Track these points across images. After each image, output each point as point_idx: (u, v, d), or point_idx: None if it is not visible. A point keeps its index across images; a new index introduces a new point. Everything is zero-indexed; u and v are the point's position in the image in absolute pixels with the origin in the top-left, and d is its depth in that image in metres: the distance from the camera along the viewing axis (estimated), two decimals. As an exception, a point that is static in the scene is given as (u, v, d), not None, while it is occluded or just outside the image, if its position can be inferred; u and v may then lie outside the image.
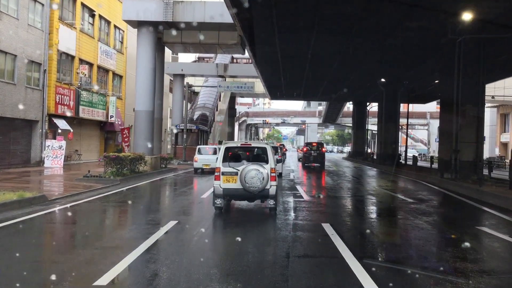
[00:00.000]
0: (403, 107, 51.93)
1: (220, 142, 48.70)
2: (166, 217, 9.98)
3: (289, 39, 23.83)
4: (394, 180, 21.67)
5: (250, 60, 36.19)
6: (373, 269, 5.80)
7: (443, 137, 23.49)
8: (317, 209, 11.98)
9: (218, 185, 9.98)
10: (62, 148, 24.11)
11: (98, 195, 13.23)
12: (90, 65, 29.42)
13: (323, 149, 38.69)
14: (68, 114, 26.13)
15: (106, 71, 31.83)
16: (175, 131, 34.94)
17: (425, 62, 28.01)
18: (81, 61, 28.20)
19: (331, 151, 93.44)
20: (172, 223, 8.74)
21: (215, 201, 10.05)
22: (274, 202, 10.09)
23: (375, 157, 46.84)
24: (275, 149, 22.65)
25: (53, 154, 23.95)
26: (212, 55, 49.83)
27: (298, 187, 16.98)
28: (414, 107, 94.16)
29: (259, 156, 10.41)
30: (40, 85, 24.24)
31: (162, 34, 24.65)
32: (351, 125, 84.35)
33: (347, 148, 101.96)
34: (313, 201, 13.35)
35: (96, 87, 29.82)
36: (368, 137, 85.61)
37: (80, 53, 27.89)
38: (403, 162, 32.71)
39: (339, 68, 31.11)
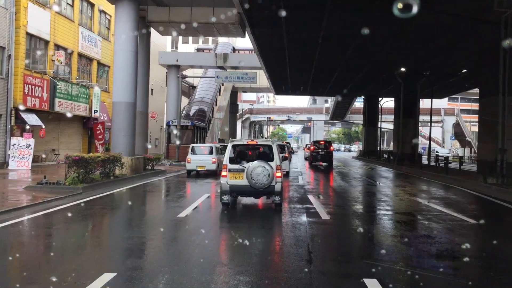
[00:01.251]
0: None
1: (220, 140, 45.13)
2: (101, 264, 6.02)
3: (296, 18, 20.10)
4: (429, 188, 17.87)
5: (253, 52, 32.39)
6: None
7: (484, 133, 19.64)
8: (346, 242, 7.92)
9: (225, 182, 10.22)
10: (30, 147, 20.52)
11: (34, 213, 9.57)
12: (69, 52, 25.79)
13: (331, 147, 35.28)
14: (40, 107, 22.53)
15: (90, 60, 28.19)
16: (175, 131, 31.31)
17: (455, 47, 24.20)
18: (57, 47, 24.56)
19: (338, 150, 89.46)
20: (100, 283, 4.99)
21: (222, 197, 10.34)
22: (279, 198, 10.39)
23: (383, 156, 43.15)
24: (282, 147, 20.87)
25: (20, 154, 20.37)
26: (211, 46, 46.10)
27: (310, 197, 13.26)
28: (426, 103, 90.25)
29: (265, 154, 10.55)
30: (3, 72, 20.63)
31: (146, 12, 20.95)
32: (359, 122, 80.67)
33: (355, 147, 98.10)
34: (336, 223, 9.56)
35: (76, 78, 26.21)
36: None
37: (55, 37, 24.24)
38: (426, 162, 28.81)
39: (353, 55, 27.37)
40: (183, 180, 18.99)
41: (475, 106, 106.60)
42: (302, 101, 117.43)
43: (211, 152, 21.04)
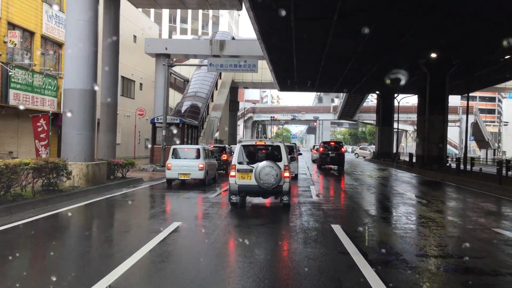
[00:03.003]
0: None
1: (216, 141, 40.55)
2: None
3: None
4: (495, 206, 13.15)
5: (254, 46, 27.66)
6: None
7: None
8: None
9: (234, 182, 10.39)
10: (-35, 150, 15.98)
11: None
12: (29, 33, 21.25)
13: (342, 149, 30.86)
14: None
15: (59, 45, 23.60)
16: (167, 132, 26.69)
17: (501, 24, 19.55)
18: (12, 25, 20.04)
19: (345, 151, 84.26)
20: None
21: (231, 197, 10.57)
22: (287, 198, 10.55)
23: (398, 158, 38.40)
24: (290, 148, 19.79)
25: (-49, 158, 15.80)
26: (208, 37, 41.49)
27: (337, 230, 8.46)
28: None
29: (273, 154, 10.63)
30: None
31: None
32: (369, 121, 75.85)
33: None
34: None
35: (39, 66, 21.67)
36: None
37: (9, 14, 19.70)
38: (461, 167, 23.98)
39: (371, 42, 22.91)
40: (157, 194, 14.39)
41: (490, 106, 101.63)
42: (306, 101, 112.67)
43: (198, 156, 16.43)
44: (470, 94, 68.89)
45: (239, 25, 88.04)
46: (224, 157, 21.70)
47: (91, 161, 13.78)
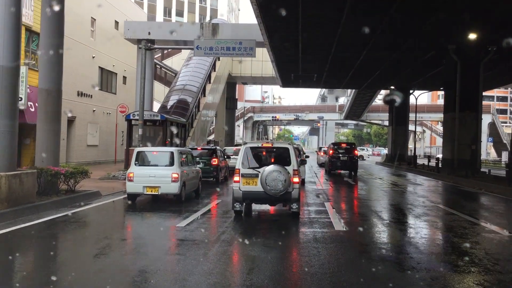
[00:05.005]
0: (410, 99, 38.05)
1: (209, 142, 36.21)
2: None
3: None
4: None
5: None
6: None
7: None
8: None
9: (238, 188, 9.54)
10: None
11: None
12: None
13: (355, 151, 26.69)
14: None
15: (12, 24, 19.30)
16: (145, 131, 22.29)
17: None
18: None
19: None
20: None
21: (234, 204, 9.65)
22: (297, 206, 9.68)
23: (415, 162, 33.99)
24: (297, 151, 16.36)
25: None
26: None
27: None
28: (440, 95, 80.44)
29: (281, 157, 9.77)
30: None
31: None
32: (377, 122, 71.37)
33: (367, 151, 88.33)
34: None
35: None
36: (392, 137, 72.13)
37: None
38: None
39: (395, 19, 18.67)
40: (102, 220, 10.09)
41: (502, 106, 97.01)
42: (309, 102, 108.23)
43: (171, 162, 12.06)
44: (488, 93, 63.93)
45: (239, 20, 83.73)
46: (215, 161, 17.31)
47: (7, 171, 9.40)
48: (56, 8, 11.88)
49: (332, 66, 29.41)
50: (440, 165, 26.70)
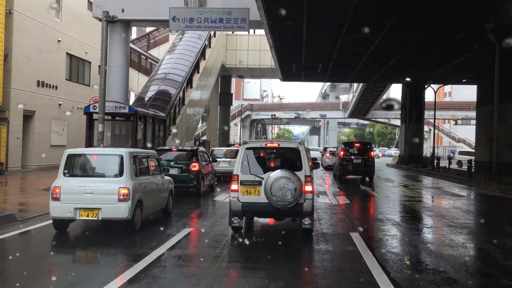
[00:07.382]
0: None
1: (196, 142, 31.93)
2: None
3: None
4: None
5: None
6: None
7: None
8: None
9: (236, 199, 7.83)
10: None
11: None
12: None
13: (371, 152, 22.76)
14: None
15: None
16: (112, 127, 18.02)
17: None
18: None
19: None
20: None
21: (232, 219, 7.93)
22: (310, 221, 7.88)
23: (433, 163, 29.75)
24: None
25: None
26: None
27: None
28: (455, 94, 75.11)
29: (289, 160, 8.12)
30: None
31: None
32: (383, 120, 67.13)
33: (376, 151, 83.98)
34: None
35: None
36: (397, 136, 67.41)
37: None
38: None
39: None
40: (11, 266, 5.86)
41: None
42: (310, 100, 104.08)
43: (119, 171, 7.87)
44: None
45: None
46: (195, 166, 13.03)
47: None
48: None
49: (340, 54, 25.28)
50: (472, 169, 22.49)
